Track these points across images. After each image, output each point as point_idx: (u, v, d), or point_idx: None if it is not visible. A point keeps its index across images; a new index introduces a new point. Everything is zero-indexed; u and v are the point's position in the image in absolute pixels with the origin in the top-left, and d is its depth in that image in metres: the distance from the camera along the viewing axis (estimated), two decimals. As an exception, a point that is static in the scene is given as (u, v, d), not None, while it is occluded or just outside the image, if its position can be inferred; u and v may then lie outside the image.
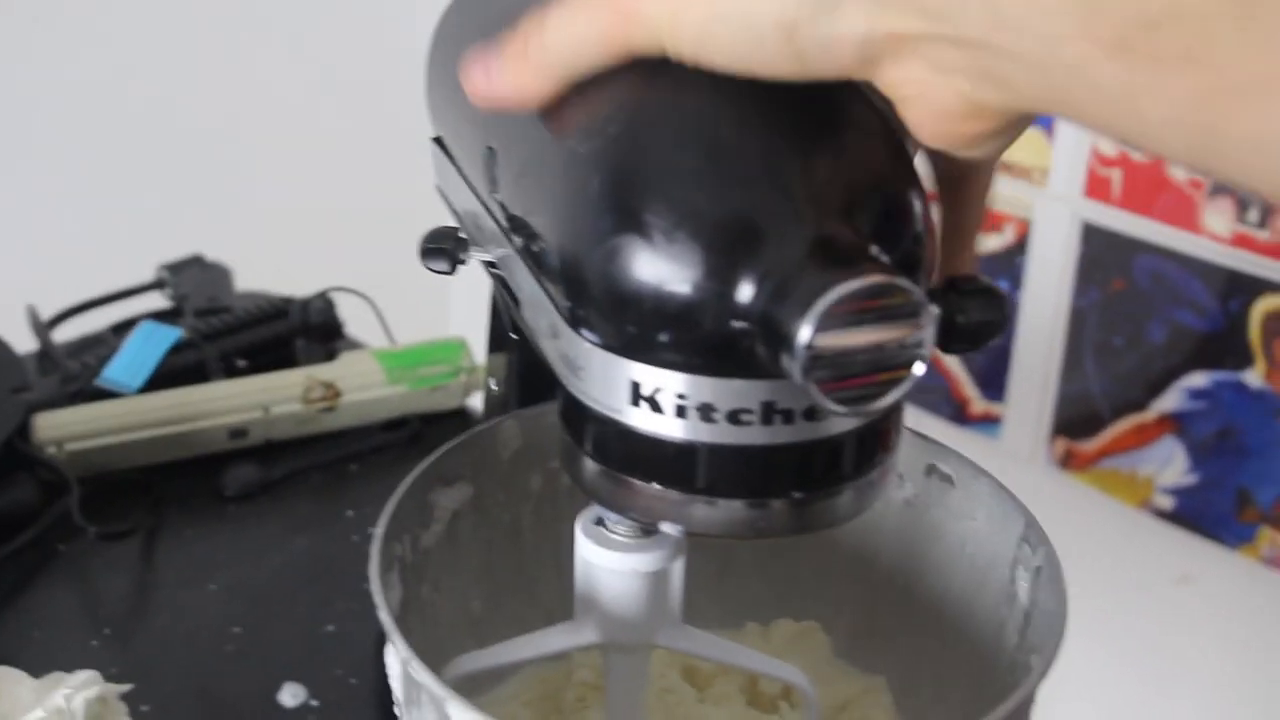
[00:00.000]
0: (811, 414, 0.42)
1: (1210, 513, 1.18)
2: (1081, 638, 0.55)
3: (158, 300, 1.07)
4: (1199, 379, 1.16)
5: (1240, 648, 1.17)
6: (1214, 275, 1.10)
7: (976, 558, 0.56)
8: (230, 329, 0.99)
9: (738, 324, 0.40)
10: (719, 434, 0.42)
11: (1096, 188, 1.13)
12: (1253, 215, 1.05)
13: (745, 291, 0.40)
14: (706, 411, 0.42)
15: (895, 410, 0.44)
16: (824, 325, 0.37)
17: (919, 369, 0.38)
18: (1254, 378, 1.11)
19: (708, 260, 0.40)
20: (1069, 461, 1.27)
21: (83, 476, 0.87)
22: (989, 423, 1.32)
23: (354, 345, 1.05)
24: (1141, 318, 1.17)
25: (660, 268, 0.40)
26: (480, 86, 0.46)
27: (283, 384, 0.94)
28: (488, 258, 0.52)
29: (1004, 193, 1.21)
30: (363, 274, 1.03)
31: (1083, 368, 1.24)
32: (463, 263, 0.52)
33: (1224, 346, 1.12)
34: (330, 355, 1.01)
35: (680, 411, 0.42)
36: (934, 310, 0.38)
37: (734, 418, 0.41)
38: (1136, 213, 1.12)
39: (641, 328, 0.41)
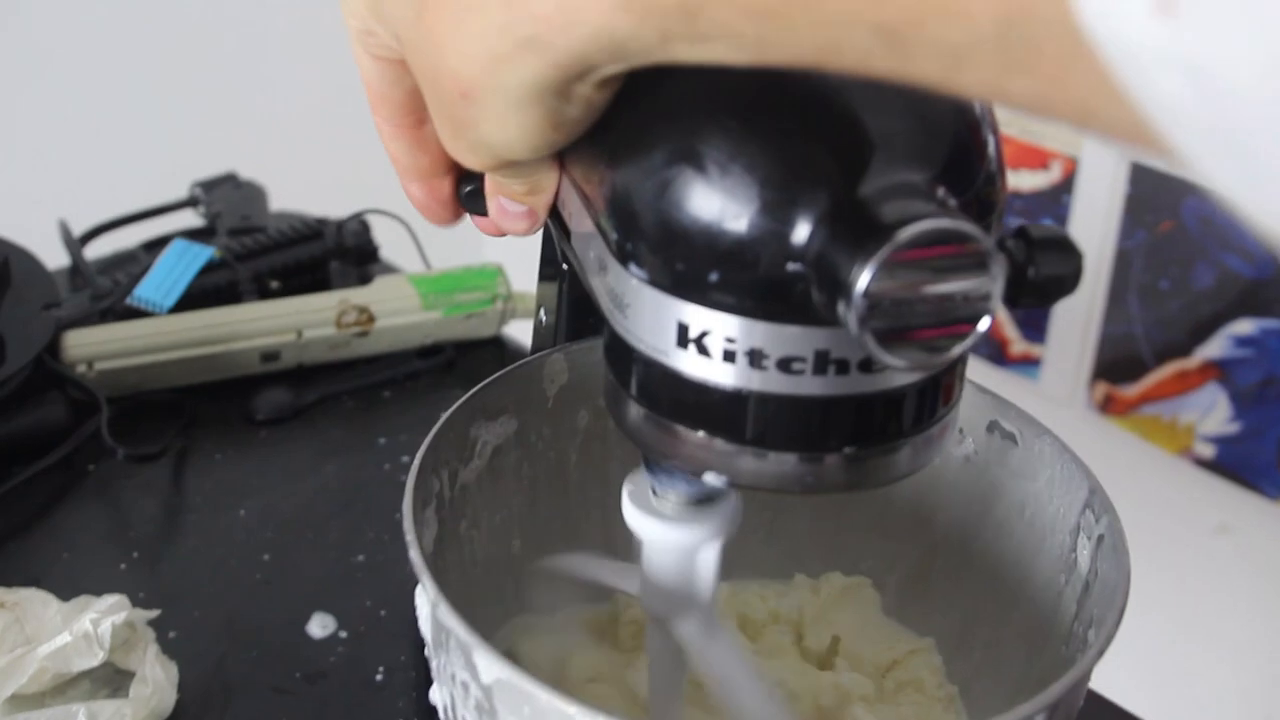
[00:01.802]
0: (868, 365, 0.40)
1: (1252, 462, 1.16)
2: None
3: (191, 218, 1.06)
4: (1245, 326, 1.14)
5: (1277, 601, 1.16)
6: (1266, 221, 1.07)
7: (1036, 521, 0.55)
8: (264, 249, 0.98)
9: (792, 266, 0.38)
10: (769, 382, 0.40)
11: (1149, 127, 1.10)
12: (1309, 160, 1.02)
13: (801, 231, 0.38)
14: (756, 358, 0.40)
15: (958, 363, 0.42)
16: (884, 272, 0.35)
17: (984, 324, 0.36)
18: (1303, 326, 1.09)
19: (763, 196, 0.38)
20: (1109, 406, 1.26)
21: (112, 396, 0.86)
22: (1028, 364, 1.31)
23: (389, 269, 1.04)
24: (1188, 261, 1.15)
25: (713, 202, 0.39)
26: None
27: (316, 307, 0.93)
28: None
29: (1051, 130, 1.19)
30: (399, 196, 1.01)
31: (1126, 311, 1.22)
32: None
33: (1273, 293, 1.10)
34: (365, 279, 1.00)
35: (728, 356, 0.40)
36: (1002, 260, 0.36)
37: (785, 366, 0.40)
38: (1188, 154, 1.09)
39: (691, 265, 0.40)
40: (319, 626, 0.73)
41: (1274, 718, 1.18)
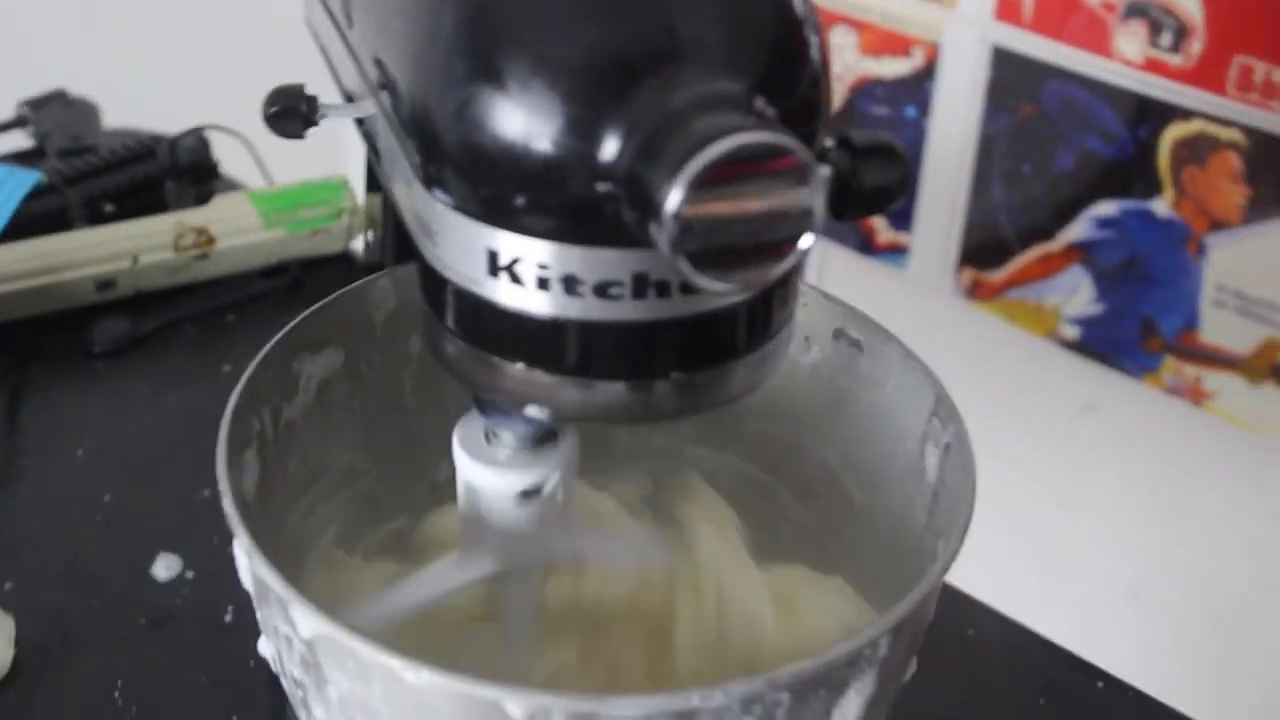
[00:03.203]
0: (689, 287, 0.38)
1: (1115, 342, 1.17)
2: (989, 465, 0.52)
3: (18, 140, 1.01)
4: (1107, 208, 1.14)
5: (1143, 476, 1.18)
6: (1124, 101, 1.07)
7: (884, 430, 0.53)
8: (95, 171, 0.93)
9: (602, 186, 0.36)
10: (586, 309, 0.38)
11: (1007, 10, 1.09)
12: (1165, 40, 1.02)
13: (609, 148, 0.35)
14: (571, 284, 0.38)
15: (789, 276, 0.40)
16: (695, 191, 0.33)
17: (806, 241, 0.34)
18: (1162, 206, 1.09)
19: (567, 111, 0.36)
20: (976, 291, 1.26)
21: (-65, 334, 0.82)
22: (896, 252, 1.30)
23: (230, 187, 1.00)
24: (1050, 145, 1.15)
25: (516, 120, 0.36)
26: None
27: (152, 230, 0.89)
28: (344, 115, 0.47)
29: (912, 15, 1.17)
30: (239, 110, 0.97)
31: (991, 196, 1.21)
32: (314, 124, 0.47)
33: (1133, 174, 1.10)
34: (204, 199, 0.95)
35: (542, 283, 0.38)
36: (824, 173, 0.34)
37: (602, 291, 0.38)
38: (1048, 36, 1.08)
39: (497, 188, 0.37)
40: (164, 568, 0.71)
41: (1141, 584, 1.21)
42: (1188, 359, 1.11)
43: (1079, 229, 1.16)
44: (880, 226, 1.29)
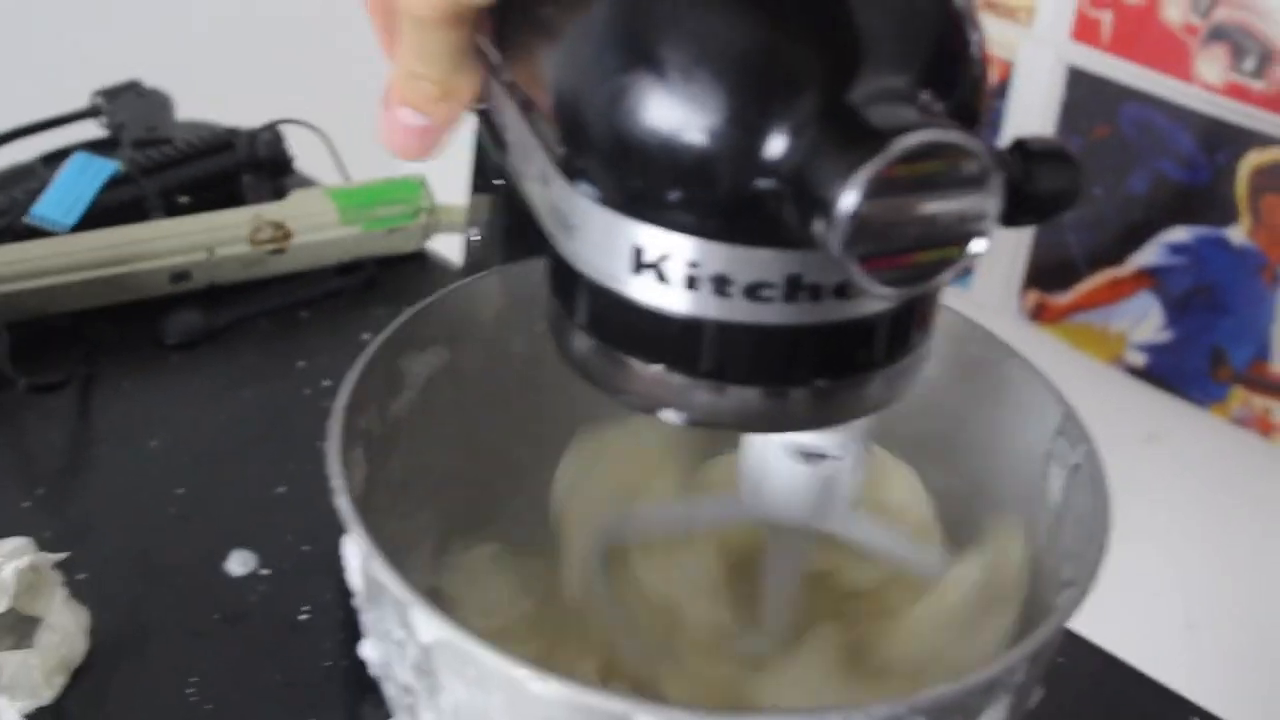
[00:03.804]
0: (842, 291, 0.36)
1: (1183, 371, 1.15)
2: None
3: (92, 129, 1.00)
4: (1180, 234, 1.12)
5: (1205, 507, 1.16)
6: (1202, 126, 1.05)
7: (1005, 448, 0.51)
8: (171, 162, 0.93)
9: (764, 183, 0.34)
10: (734, 310, 0.37)
11: (1085, 30, 1.08)
12: (1249, 64, 1.01)
13: (776, 145, 0.34)
14: (721, 284, 0.36)
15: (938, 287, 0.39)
16: (873, 189, 0.31)
17: (979, 246, 0.33)
18: (1237, 234, 1.08)
19: (732, 104, 0.34)
20: (1040, 314, 1.24)
21: (11, 322, 0.81)
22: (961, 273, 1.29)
23: (305, 182, 0.99)
24: (1124, 168, 1.13)
25: (675, 111, 0.35)
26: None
27: (228, 223, 0.88)
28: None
29: (987, 33, 1.17)
30: (315, 104, 0.97)
31: (1060, 218, 1.20)
32: None
33: (1208, 201, 1.08)
34: (279, 193, 0.95)
35: (691, 283, 0.37)
36: (1001, 176, 0.32)
37: (753, 292, 0.36)
38: (1125, 58, 1.07)
39: (649, 182, 0.36)
40: (239, 564, 0.70)
41: (1197, 616, 1.19)
42: (1257, 390, 1.09)
43: (1150, 254, 1.14)
44: (945, 245, 1.28)
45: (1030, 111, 1.18)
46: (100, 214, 0.87)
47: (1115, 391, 1.19)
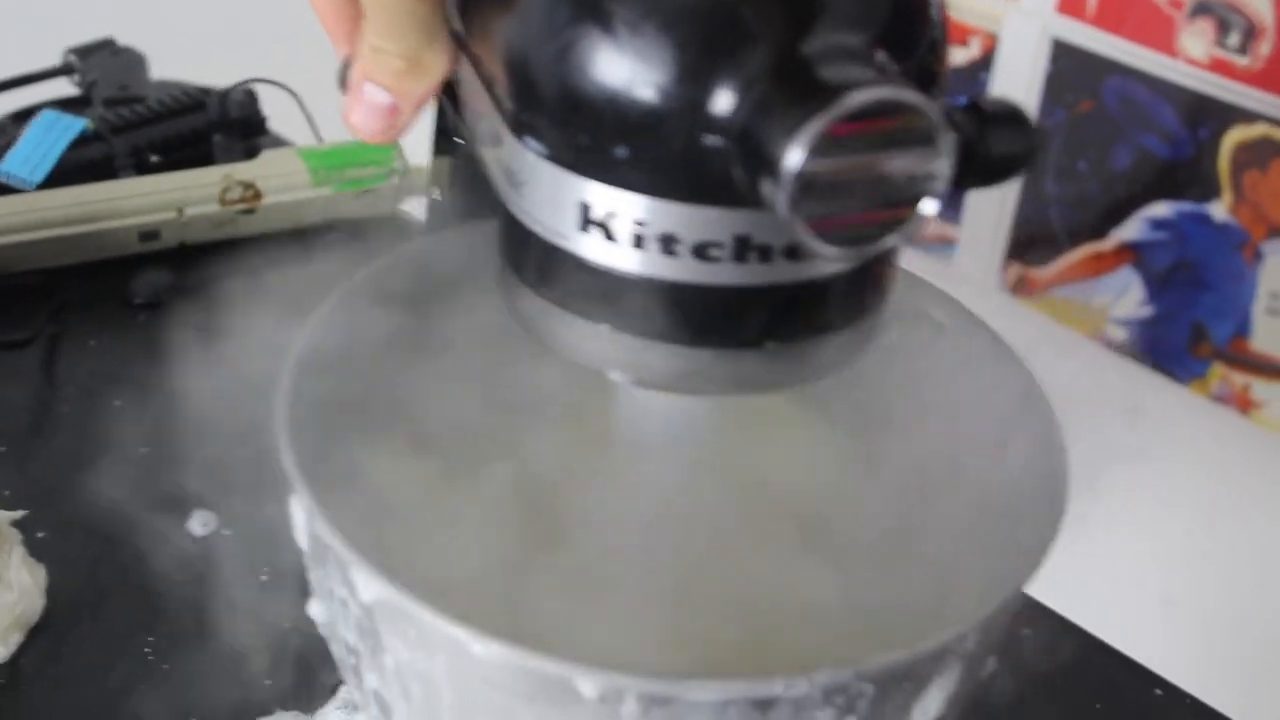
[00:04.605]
0: (793, 252, 0.36)
1: (1163, 346, 1.15)
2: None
3: (64, 87, 0.99)
4: (1162, 209, 1.12)
5: (1184, 482, 1.16)
6: (1186, 101, 1.05)
7: (964, 418, 0.51)
8: (142, 121, 0.92)
9: (712, 140, 0.34)
10: (682, 270, 0.36)
11: (1069, 3, 1.07)
12: (1233, 40, 1.00)
13: (723, 100, 0.33)
14: (669, 243, 0.36)
15: (893, 249, 0.38)
16: (820, 147, 0.31)
17: (930, 207, 0.32)
18: (1219, 210, 1.07)
19: (679, 59, 0.34)
20: (1022, 288, 1.24)
21: (-24, 278, 0.81)
22: (942, 245, 1.28)
23: (277, 142, 0.98)
24: (1107, 142, 1.13)
25: (621, 66, 0.34)
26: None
27: (198, 182, 0.88)
28: None
29: (971, 4, 1.15)
30: (288, 64, 0.96)
31: (1042, 192, 1.19)
32: None
33: (1190, 176, 1.08)
34: (251, 153, 0.94)
35: (638, 241, 0.36)
36: (952, 136, 0.32)
37: (701, 252, 0.36)
38: (1110, 31, 1.06)
39: (596, 138, 0.35)
40: (200, 524, 0.69)
41: (1175, 592, 1.19)
42: (1237, 366, 1.09)
43: (1132, 229, 1.14)
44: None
45: (1015, 84, 1.17)
46: (70, 172, 0.87)
47: (1096, 366, 1.19)
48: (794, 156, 0.31)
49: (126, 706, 0.61)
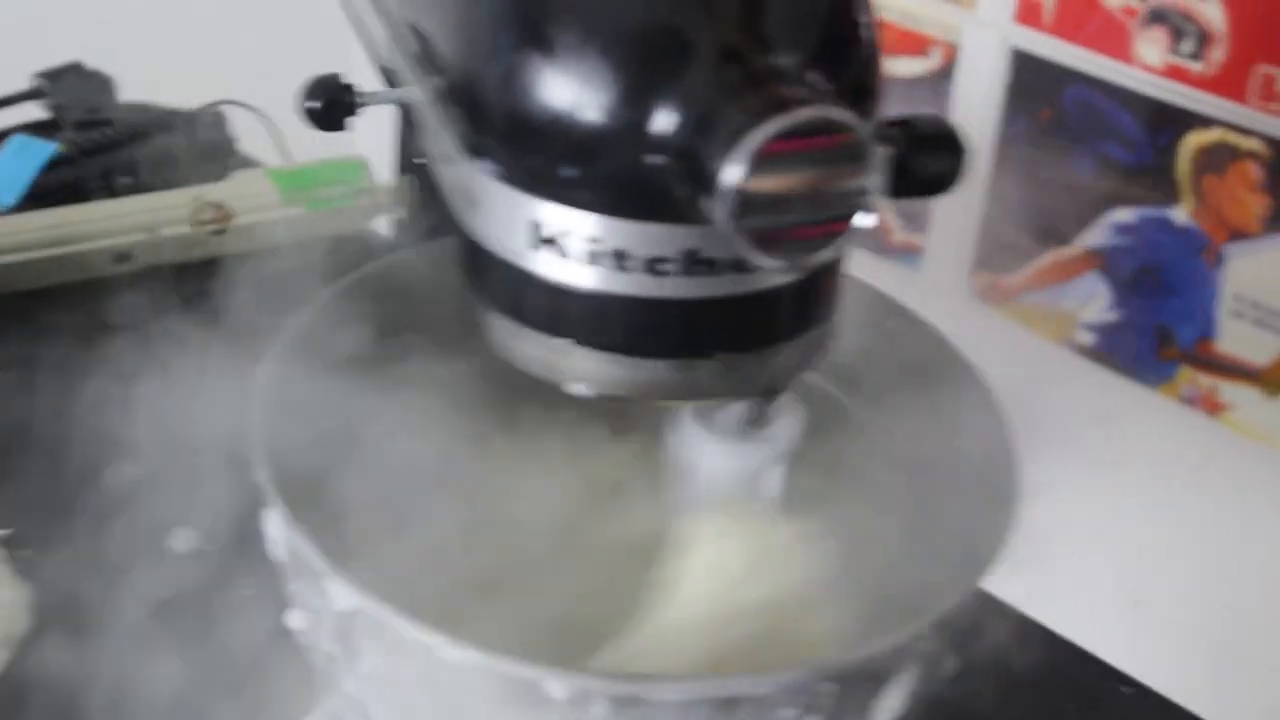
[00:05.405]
0: (740, 265, 0.37)
1: (1131, 350, 1.16)
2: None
3: (33, 111, 1.00)
4: (1125, 214, 1.13)
5: (1152, 485, 1.17)
6: (1144, 107, 1.06)
7: (917, 422, 0.52)
8: (112, 143, 0.93)
9: (655, 159, 0.35)
10: (634, 285, 0.37)
11: (1027, 13, 1.09)
12: (1186, 46, 1.02)
13: (664, 120, 0.35)
14: (619, 259, 0.37)
15: (837, 262, 0.39)
16: (756, 165, 0.32)
17: (864, 220, 0.34)
18: (1180, 214, 1.09)
19: (621, 82, 0.35)
20: (990, 295, 1.25)
21: (-49, 303, 0.81)
22: (909, 254, 1.29)
23: (246, 163, 0.99)
24: (1069, 149, 1.14)
25: (567, 89, 0.35)
26: None
27: (168, 204, 0.89)
28: (383, 101, 0.46)
29: (930, 15, 1.17)
30: (257, 86, 0.97)
31: (1007, 199, 1.20)
32: (354, 114, 0.46)
33: (1151, 181, 1.09)
34: (220, 175, 0.95)
35: (591, 258, 0.37)
36: (883, 152, 0.33)
37: (651, 267, 0.37)
38: (1068, 40, 1.08)
39: (545, 159, 0.37)
40: (182, 540, 0.70)
41: (1144, 593, 1.20)
42: (1204, 369, 1.11)
43: (1096, 235, 1.15)
44: (894, 226, 1.29)
45: (975, 94, 1.19)
46: (42, 195, 0.88)
47: (1065, 371, 1.20)
48: (732, 173, 0.32)
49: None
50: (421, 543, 0.53)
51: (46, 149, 0.88)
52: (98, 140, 0.92)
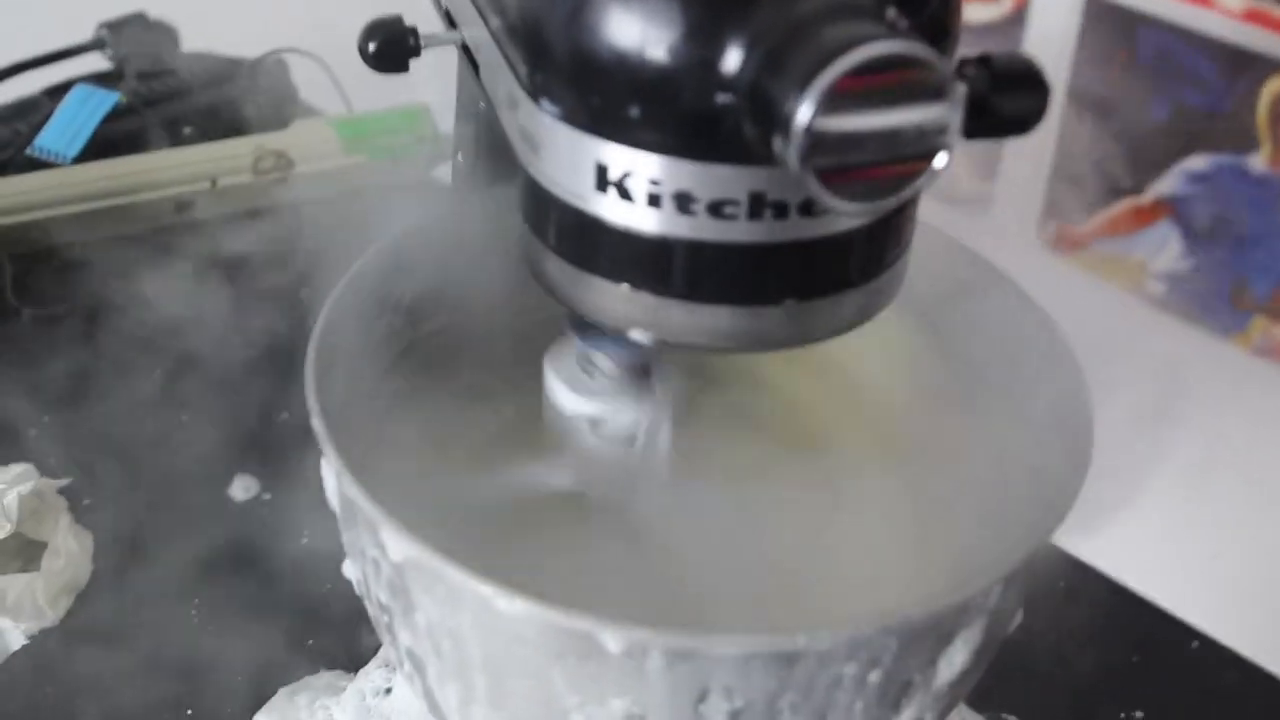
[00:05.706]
0: (809, 208, 0.36)
1: (1203, 300, 1.14)
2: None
3: (96, 61, 0.99)
4: (1199, 162, 1.11)
5: (1226, 436, 1.15)
6: (1223, 53, 1.04)
7: (989, 375, 0.51)
8: (175, 93, 0.92)
9: (723, 98, 0.34)
10: (698, 228, 0.36)
11: (1104, -45, 1.06)
12: (1271, -12, 0.99)
13: (733, 58, 0.34)
14: (684, 201, 0.36)
15: (909, 203, 0.38)
16: (828, 103, 0.31)
17: (941, 161, 0.32)
18: (1258, 162, 1.06)
19: (688, 18, 0.34)
20: (1060, 244, 1.23)
21: (15, 253, 0.82)
22: (979, 201, 1.27)
23: (309, 112, 0.99)
24: (1143, 96, 1.12)
25: (632, 26, 0.34)
26: None
27: (230, 153, 0.88)
28: (446, 42, 0.46)
29: (1006, -41, 1.15)
30: (318, 34, 0.96)
31: (1079, 147, 1.18)
32: (417, 55, 0.46)
33: (1228, 129, 1.07)
34: (283, 123, 0.94)
35: (653, 200, 0.36)
36: (962, 90, 0.32)
37: (716, 210, 0.36)
38: (1144, -17, 1.05)
39: (609, 99, 0.35)
40: (241, 489, 0.70)
41: (1221, 546, 1.19)
42: (1279, 320, 1.08)
43: (1169, 183, 1.13)
44: (963, 174, 1.27)
45: (1048, 39, 1.16)
46: (104, 146, 0.87)
47: (1136, 320, 1.18)
48: (803, 112, 0.31)
49: (173, 668, 0.62)
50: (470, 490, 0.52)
51: (109, 99, 0.88)
52: (159, 90, 0.92)
